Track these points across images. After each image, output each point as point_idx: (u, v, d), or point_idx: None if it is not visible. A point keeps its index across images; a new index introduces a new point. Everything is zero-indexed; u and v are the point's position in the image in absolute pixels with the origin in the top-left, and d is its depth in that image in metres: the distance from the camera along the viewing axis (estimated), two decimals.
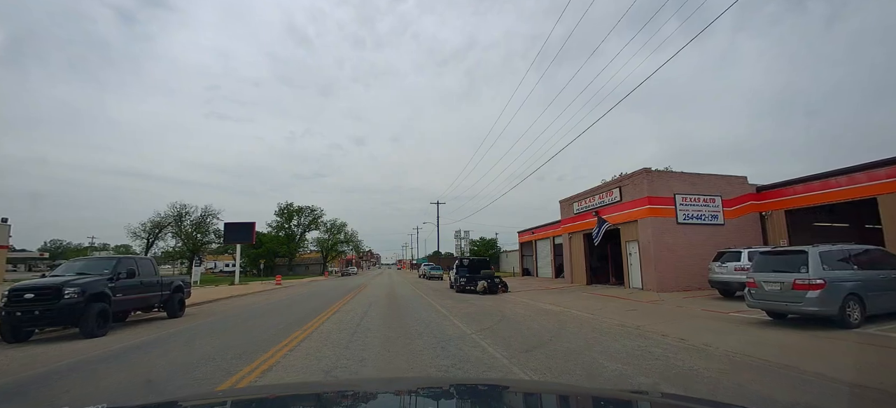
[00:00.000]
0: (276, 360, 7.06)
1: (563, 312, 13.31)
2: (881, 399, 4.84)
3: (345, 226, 77.98)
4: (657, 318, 11.39)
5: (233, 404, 1.79)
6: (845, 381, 5.45)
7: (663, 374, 5.86)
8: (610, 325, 10.47)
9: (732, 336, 8.57)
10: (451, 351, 7.53)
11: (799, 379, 5.56)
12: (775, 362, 6.38)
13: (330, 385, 3.95)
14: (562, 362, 6.69)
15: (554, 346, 7.99)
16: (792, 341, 8.01)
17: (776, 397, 4.89)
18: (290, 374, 6.15)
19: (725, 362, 6.57)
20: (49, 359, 7.87)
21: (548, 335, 9.19)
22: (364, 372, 6.25)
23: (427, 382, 3.41)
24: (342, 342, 8.55)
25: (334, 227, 76.55)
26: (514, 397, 1.93)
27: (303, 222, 72.12)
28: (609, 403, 1.78)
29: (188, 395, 4.63)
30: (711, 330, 9.33)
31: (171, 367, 6.84)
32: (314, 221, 72.94)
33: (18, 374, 6.81)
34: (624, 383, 5.50)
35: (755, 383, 5.36)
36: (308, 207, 72.37)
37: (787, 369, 6.01)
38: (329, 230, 75.90)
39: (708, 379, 5.58)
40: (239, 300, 21.72)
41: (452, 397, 1.89)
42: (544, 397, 1.99)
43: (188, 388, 5.50)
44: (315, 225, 73.56)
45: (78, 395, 5.38)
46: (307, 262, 77.87)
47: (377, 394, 2.09)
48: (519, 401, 1.85)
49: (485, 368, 6.36)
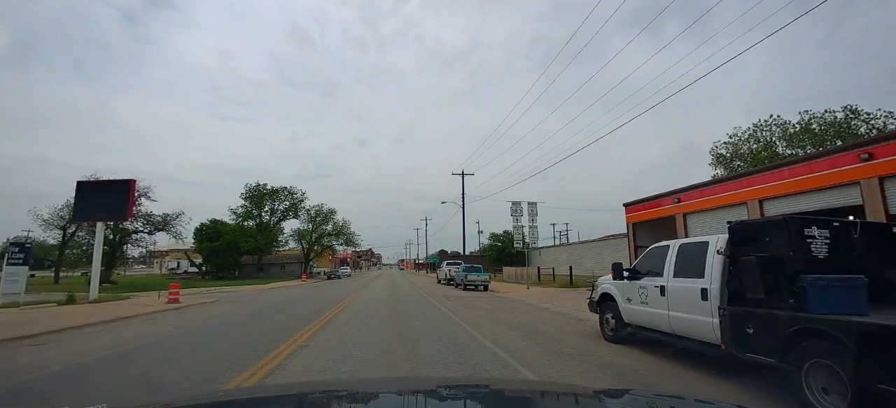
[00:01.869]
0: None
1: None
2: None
3: (333, 213, 60.94)
4: None
5: (233, 404, 1.77)
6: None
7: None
8: None
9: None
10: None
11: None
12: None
13: (331, 385, 3.55)
14: None
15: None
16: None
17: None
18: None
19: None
20: None
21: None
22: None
23: (429, 383, 3.10)
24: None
25: (320, 214, 59.61)
26: (512, 397, 1.97)
27: (278, 208, 56.31)
28: (610, 402, 1.79)
29: (188, 395, 4.41)
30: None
31: None
32: (293, 208, 56.97)
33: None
34: None
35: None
36: (285, 188, 56.70)
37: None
38: (313, 219, 59.33)
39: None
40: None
41: (453, 397, 1.88)
42: (544, 397, 1.99)
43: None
44: (294, 212, 57.31)
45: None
46: (285, 260, 61.56)
47: (378, 394, 2.02)
48: (518, 402, 1.85)
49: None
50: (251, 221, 53.07)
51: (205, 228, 50.45)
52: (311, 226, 58.75)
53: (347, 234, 61.89)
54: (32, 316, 13.18)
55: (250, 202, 53.01)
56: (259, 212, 53.60)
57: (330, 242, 61.75)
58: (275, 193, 55.64)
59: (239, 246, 47.92)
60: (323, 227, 59.67)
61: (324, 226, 59.83)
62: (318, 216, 59.07)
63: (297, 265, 57.17)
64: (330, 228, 60.67)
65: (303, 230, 58.77)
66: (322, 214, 59.62)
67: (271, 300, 19.94)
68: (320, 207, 60.09)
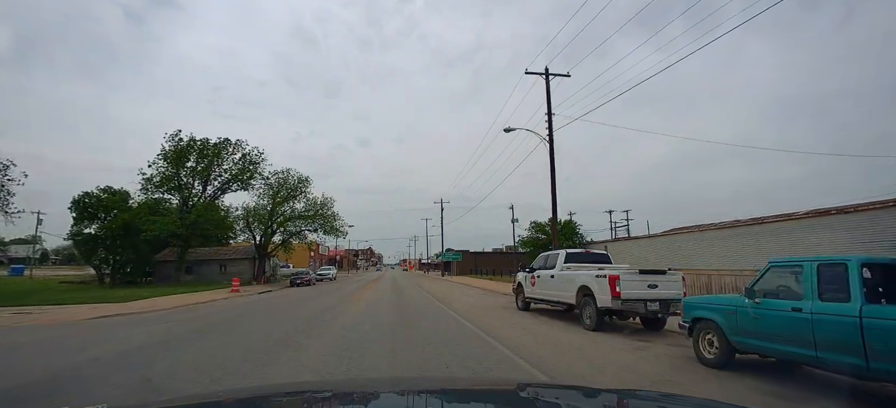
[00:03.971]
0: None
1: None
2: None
3: (306, 184, 38.68)
4: None
5: (234, 404, 1.71)
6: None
7: None
8: None
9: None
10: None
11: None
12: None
13: (332, 385, 3.51)
14: None
15: None
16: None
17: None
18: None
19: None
20: None
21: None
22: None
23: (430, 383, 3.13)
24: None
25: (284, 185, 37.37)
26: (519, 397, 1.93)
27: (219, 173, 34.58)
28: (610, 402, 1.77)
29: (187, 395, 4.24)
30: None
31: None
32: (243, 174, 34.96)
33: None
34: None
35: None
36: (228, 140, 34.06)
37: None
38: (275, 193, 37.18)
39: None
40: None
41: (455, 398, 1.84)
42: (546, 398, 1.91)
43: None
44: (242, 180, 35.25)
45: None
46: (229, 256, 38.65)
47: (379, 394, 1.97)
48: (524, 402, 1.82)
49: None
50: (174, 195, 33.55)
51: (90, 201, 31.26)
52: (267, 201, 36.74)
53: (326, 216, 39.19)
54: None
55: (169, 161, 33.31)
56: (180, 174, 32.45)
57: (298, 226, 39.35)
58: (207, 149, 32.92)
59: (143, 229, 28.72)
60: (281, 205, 37.33)
61: (290, 202, 38.02)
62: (280, 188, 37.09)
63: (249, 263, 37.73)
64: (302, 208, 38.97)
65: (254, 208, 36.76)
66: (287, 184, 37.30)
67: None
68: (285, 172, 38.01)
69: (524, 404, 1.79)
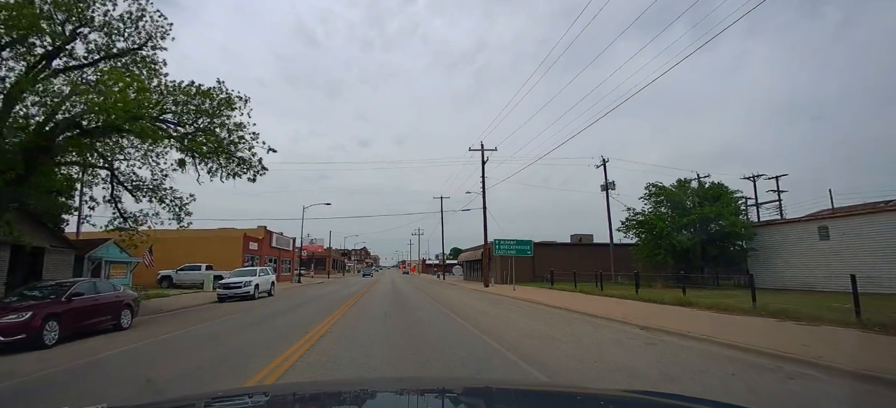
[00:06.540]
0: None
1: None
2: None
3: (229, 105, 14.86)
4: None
5: (234, 404, 1.68)
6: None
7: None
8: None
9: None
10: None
11: None
12: None
13: (333, 385, 3.48)
14: None
15: None
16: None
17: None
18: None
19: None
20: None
21: None
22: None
23: (431, 383, 3.15)
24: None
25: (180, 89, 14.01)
26: (515, 398, 1.88)
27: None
28: (610, 403, 1.69)
29: (187, 395, 4.18)
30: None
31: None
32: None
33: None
34: None
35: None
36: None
37: None
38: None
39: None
40: None
41: (455, 398, 1.81)
42: (547, 398, 1.89)
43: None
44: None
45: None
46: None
47: (377, 393, 1.96)
48: (521, 402, 1.78)
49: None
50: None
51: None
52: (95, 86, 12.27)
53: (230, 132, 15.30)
54: None
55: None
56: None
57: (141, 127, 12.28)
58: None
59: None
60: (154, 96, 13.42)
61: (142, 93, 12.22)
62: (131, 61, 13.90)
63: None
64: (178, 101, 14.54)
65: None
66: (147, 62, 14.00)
67: None
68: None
69: (525, 405, 1.78)
